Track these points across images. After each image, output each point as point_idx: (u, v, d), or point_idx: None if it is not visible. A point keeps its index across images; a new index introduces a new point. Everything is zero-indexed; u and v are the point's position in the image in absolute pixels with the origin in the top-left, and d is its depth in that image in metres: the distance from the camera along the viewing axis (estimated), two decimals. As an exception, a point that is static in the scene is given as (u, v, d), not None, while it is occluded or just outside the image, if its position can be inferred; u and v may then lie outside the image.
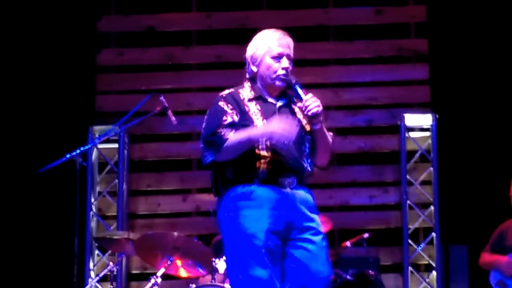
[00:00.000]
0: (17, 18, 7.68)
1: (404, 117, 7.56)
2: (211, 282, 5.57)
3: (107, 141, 7.14)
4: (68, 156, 4.92)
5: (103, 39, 7.85)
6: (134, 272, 7.55)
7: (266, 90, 4.06)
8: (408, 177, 7.53)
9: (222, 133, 3.91)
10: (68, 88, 7.61)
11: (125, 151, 7.59)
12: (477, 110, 7.47)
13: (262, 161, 3.91)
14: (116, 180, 7.53)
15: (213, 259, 5.59)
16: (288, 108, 4.07)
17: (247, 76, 4.18)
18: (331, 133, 4.12)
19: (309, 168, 4.03)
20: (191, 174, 7.69)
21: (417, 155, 7.62)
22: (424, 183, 7.57)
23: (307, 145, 4.03)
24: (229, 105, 3.98)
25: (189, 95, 7.76)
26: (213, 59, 7.79)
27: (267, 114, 3.96)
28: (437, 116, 7.51)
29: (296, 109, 4.09)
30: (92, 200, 7.51)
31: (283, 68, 4.03)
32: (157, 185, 7.70)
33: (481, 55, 7.51)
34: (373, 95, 7.81)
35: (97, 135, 7.25)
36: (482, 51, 7.52)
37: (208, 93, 7.73)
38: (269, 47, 4.07)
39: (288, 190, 3.94)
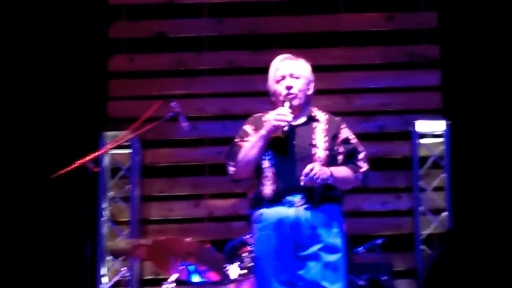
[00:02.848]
0: (31, 26, 7.72)
1: (416, 123, 7.56)
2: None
3: (120, 146, 7.17)
4: (80, 162, 4.94)
5: (115, 45, 7.87)
6: (146, 277, 7.54)
7: None
8: (420, 183, 7.54)
9: (239, 143, 4.23)
10: (80, 94, 7.64)
11: (138, 157, 7.60)
12: (489, 116, 7.47)
13: (267, 183, 4.12)
14: (129, 186, 7.54)
15: (225, 264, 5.58)
16: (305, 126, 4.22)
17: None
18: (363, 168, 4.24)
19: (318, 186, 4.11)
20: (203, 179, 7.70)
21: (430, 161, 7.61)
22: (436, 189, 7.57)
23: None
24: (252, 126, 4.28)
25: (200, 100, 7.78)
26: (224, 65, 7.82)
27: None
28: (449, 122, 7.50)
29: (317, 128, 4.23)
30: (104, 205, 7.51)
31: (286, 88, 4.21)
32: (170, 191, 7.71)
33: (492, 61, 7.52)
34: (385, 101, 7.81)
35: (109, 141, 7.27)
36: (493, 56, 7.53)
37: (219, 99, 7.81)
38: (273, 75, 4.28)
39: (293, 209, 4.09)
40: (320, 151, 4.15)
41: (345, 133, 4.30)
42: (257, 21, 7.85)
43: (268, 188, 4.12)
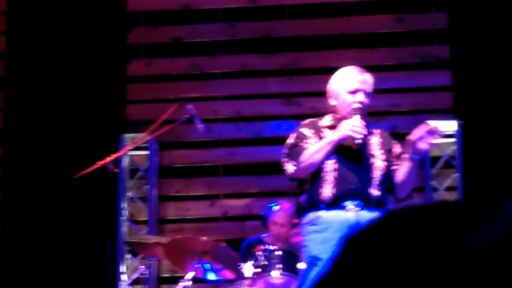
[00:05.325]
0: (56, 34, 7.89)
1: (427, 123, 7.54)
2: (239, 285, 5.69)
3: (138, 148, 7.33)
4: (101, 163, 5.07)
5: (133, 50, 8.03)
6: (164, 275, 7.69)
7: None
8: (432, 183, 7.52)
9: (302, 145, 4.32)
10: (101, 98, 7.81)
11: (155, 158, 7.74)
12: (501, 115, 7.47)
13: (328, 186, 4.26)
14: (147, 186, 7.68)
15: (240, 263, 5.68)
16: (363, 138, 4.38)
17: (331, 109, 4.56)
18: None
19: (376, 194, 4.31)
20: (218, 180, 7.83)
21: (442, 161, 7.58)
22: (449, 189, 7.54)
23: (376, 173, 4.34)
24: (311, 130, 4.40)
25: (215, 103, 7.91)
26: (238, 68, 7.94)
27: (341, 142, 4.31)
28: (461, 122, 7.48)
29: (372, 141, 4.42)
30: (123, 205, 7.65)
31: (358, 102, 4.37)
32: (186, 191, 7.85)
33: (503, 60, 7.53)
34: (397, 101, 7.83)
35: (128, 143, 7.41)
36: (504, 56, 7.54)
37: (233, 101, 7.94)
38: (346, 82, 4.42)
39: (352, 213, 4.24)
40: (379, 162, 4.35)
41: (398, 147, 4.54)
42: (270, 25, 7.96)
43: (327, 192, 4.25)
